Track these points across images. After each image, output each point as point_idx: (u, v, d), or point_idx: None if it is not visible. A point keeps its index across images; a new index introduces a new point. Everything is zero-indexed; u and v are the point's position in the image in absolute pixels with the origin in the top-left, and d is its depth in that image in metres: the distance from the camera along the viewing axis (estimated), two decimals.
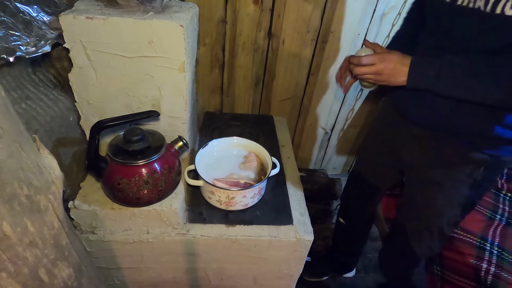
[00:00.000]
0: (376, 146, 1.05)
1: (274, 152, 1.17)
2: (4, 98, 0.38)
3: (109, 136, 0.91)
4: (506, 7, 0.60)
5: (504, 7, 0.61)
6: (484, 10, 0.64)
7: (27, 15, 0.68)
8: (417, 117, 0.84)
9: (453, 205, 0.85)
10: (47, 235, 0.45)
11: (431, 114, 0.79)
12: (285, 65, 1.39)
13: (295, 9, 1.24)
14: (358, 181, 1.15)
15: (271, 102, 1.52)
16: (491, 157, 0.76)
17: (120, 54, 0.77)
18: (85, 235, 0.85)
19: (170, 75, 0.81)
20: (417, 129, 0.85)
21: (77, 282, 0.53)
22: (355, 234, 1.27)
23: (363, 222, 1.24)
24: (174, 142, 0.86)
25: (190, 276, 1.01)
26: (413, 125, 0.86)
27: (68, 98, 0.84)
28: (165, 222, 0.87)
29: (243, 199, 0.91)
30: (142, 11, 0.76)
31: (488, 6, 0.63)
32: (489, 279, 1.09)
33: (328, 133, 1.68)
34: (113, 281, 0.99)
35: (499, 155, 0.76)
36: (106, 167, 0.79)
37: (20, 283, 0.42)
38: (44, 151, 0.47)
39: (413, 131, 0.86)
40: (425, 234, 0.91)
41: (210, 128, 1.27)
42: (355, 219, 1.23)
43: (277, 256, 0.96)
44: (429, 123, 0.81)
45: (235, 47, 1.32)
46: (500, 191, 1.44)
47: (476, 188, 0.82)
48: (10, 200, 0.38)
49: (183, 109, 0.88)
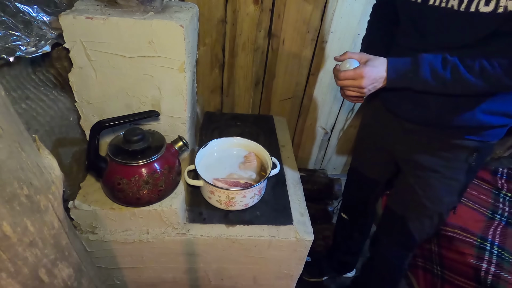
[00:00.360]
0: (369, 142, 1.08)
1: (274, 152, 1.17)
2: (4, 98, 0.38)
3: (109, 136, 0.91)
4: (480, 4, 0.62)
5: (478, 5, 0.63)
6: (458, 9, 0.65)
7: (27, 15, 0.68)
8: (407, 114, 0.86)
9: (452, 192, 0.89)
10: (47, 235, 0.45)
11: (422, 112, 0.82)
12: (285, 65, 1.39)
13: (295, 9, 1.24)
14: (356, 176, 1.17)
15: (271, 102, 1.52)
16: (481, 142, 0.81)
17: (120, 54, 0.77)
18: (85, 235, 0.85)
19: (170, 75, 0.81)
20: (408, 124, 0.88)
21: (77, 282, 0.53)
22: (358, 230, 1.28)
23: (365, 217, 1.24)
24: (174, 142, 0.86)
25: (190, 276, 1.01)
26: (403, 121, 0.88)
27: (68, 98, 0.84)
28: (165, 222, 0.87)
29: (243, 199, 0.91)
30: (142, 11, 0.76)
31: (463, 5, 0.65)
32: (489, 279, 1.09)
33: (328, 133, 1.68)
34: (113, 281, 0.99)
35: (489, 141, 0.81)
36: (106, 167, 0.79)
37: (20, 283, 0.42)
38: (44, 151, 0.47)
39: (405, 126, 0.89)
40: (426, 221, 0.94)
41: (210, 128, 1.27)
42: (357, 214, 1.24)
43: (277, 256, 0.96)
44: (420, 119, 0.84)
45: (235, 47, 1.32)
46: (500, 191, 1.44)
47: (470, 172, 0.86)
48: (10, 200, 0.38)
49: (183, 109, 0.88)
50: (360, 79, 0.75)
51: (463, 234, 1.22)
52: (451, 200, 0.91)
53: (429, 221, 0.94)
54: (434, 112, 0.80)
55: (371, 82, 0.75)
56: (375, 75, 0.75)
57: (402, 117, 0.88)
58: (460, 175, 0.86)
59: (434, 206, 0.91)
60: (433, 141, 0.85)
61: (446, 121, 0.80)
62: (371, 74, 0.75)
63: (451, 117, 0.79)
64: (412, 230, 0.96)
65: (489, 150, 0.85)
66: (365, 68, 0.75)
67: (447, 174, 0.86)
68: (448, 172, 0.86)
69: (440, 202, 0.90)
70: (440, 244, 1.28)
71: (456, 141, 0.82)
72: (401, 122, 0.89)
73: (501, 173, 1.54)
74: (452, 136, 0.82)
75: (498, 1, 0.60)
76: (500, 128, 0.80)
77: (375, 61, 0.76)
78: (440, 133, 0.83)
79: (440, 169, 0.86)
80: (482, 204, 1.36)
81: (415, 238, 0.98)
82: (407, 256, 1.08)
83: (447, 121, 0.79)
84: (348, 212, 1.27)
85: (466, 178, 0.87)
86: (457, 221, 1.27)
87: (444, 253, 1.25)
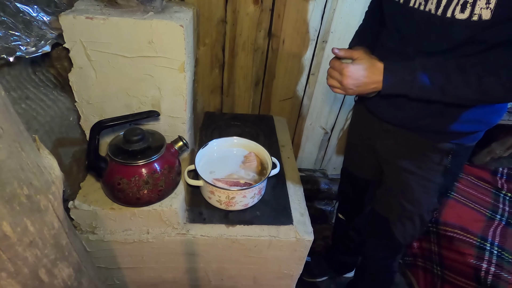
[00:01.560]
0: (356, 141, 1.08)
1: (274, 152, 1.17)
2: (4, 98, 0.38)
3: (109, 136, 0.91)
4: (456, 11, 0.62)
5: (454, 11, 0.62)
6: (435, 14, 0.65)
7: (27, 15, 0.68)
8: (384, 115, 0.86)
9: (429, 193, 0.88)
10: (47, 235, 0.45)
11: (398, 114, 0.82)
12: (285, 65, 1.39)
13: (295, 9, 1.24)
14: (348, 176, 1.17)
15: (271, 102, 1.52)
16: (456, 145, 0.80)
17: (120, 54, 0.77)
18: (85, 235, 0.85)
19: (170, 75, 0.81)
20: (386, 125, 0.88)
21: (77, 282, 0.53)
22: (354, 229, 1.27)
23: (361, 217, 1.24)
24: (174, 142, 0.86)
25: (190, 276, 1.01)
26: (382, 121, 0.88)
27: (68, 98, 0.84)
28: (165, 222, 0.87)
29: (243, 199, 0.91)
30: (142, 11, 0.76)
31: (439, 9, 0.64)
32: (489, 279, 1.09)
33: (328, 133, 1.68)
34: (113, 281, 0.99)
35: (464, 143, 0.80)
36: (106, 167, 0.79)
37: (20, 283, 0.42)
38: (44, 151, 0.47)
39: (383, 126, 0.89)
40: (407, 223, 0.94)
41: (210, 128, 1.27)
42: (353, 214, 1.24)
43: (277, 256, 0.96)
44: (396, 121, 0.84)
45: (235, 47, 1.32)
46: (500, 191, 1.44)
47: (448, 174, 0.85)
48: (10, 200, 0.38)
49: (183, 109, 0.88)
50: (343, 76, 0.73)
51: (463, 234, 1.22)
52: (430, 201, 0.90)
53: (410, 223, 0.93)
54: (409, 116, 0.80)
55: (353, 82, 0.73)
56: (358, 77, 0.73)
57: (380, 118, 0.88)
58: (436, 177, 0.85)
59: (413, 207, 0.90)
60: (408, 142, 0.85)
61: (420, 126, 0.79)
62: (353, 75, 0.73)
63: (424, 122, 0.78)
64: (394, 232, 0.96)
65: (466, 152, 0.84)
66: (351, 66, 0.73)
67: (423, 176, 0.85)
68: (424, 173, 0.85)
69: (419, 204, 0.89)
70: (440, 244, 1.28)
71: (430, 143, 0.81)
72: (380, 122, 0.89)
73: (501, 173, 1.54)
74: (426, 138, 0.81)
75: (473, 9, 0.60)
76: (475, 133, 0.79)
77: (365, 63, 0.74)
78: (414, 135, 0.82)
79: (416, 170, 0.85)
80: (482, 204, 1.36)
81: (398, 240, 0.97)
82: (394, 258, 1.07)
83: (420, 125, 0.79)
84: (344, 212, 1.27)
85: (444, 180, 0.86)
86: (457, 221, 1.27)
87: (444, 253, 1.25)
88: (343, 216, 1.27)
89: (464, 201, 1.37)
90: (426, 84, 0.69)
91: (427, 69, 0.68)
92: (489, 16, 0.59)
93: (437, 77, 0.68)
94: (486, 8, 0.58)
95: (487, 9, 0.58)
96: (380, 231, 1.03)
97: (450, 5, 0.62)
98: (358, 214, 1.23)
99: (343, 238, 1.34)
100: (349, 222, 1.27)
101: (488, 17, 0.59)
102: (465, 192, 1.42)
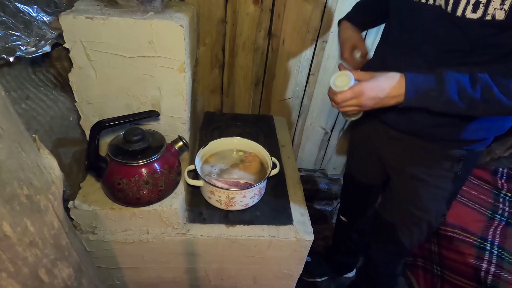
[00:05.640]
0: (359, 145, 1.06)
1: (274, 152, 1.17)
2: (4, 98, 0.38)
3: (109, 136, 0.91)
4: (467, 10, 0.59)
5: (465, 10, 0.60)
6: (445, 9, 0.63)
7: (27, 15, 0.68)
8: (393, 122, 0.83)
9: (439, 200, 0.87)
10: (47, 235, 0.45)
11: (405, 122, 0.80)
12: (285, 65, 1.39)
13: (295, 9, 1.24)
14: (351, 181, 1.16)
15: (271, 102, 1.52)
16: (467, 151, 0.78)
17: (120, 54, 0.77)
18: (85, 235, 0.85)
19: (170, 75, 0.81)
20: (393, 132, 0.85)
21: (77, 282, 0.53)
22: (356, 231, 1.27)
23: (363, 219, 1.24)
24: (174, 142, 0.86)
25: (190, 276, 1.01)
26: (388, 128, 0.85)
27: (68, 98, 0.84)
28: (165, 222, 0.87)
29: (243, 199, 0.91)
30: (142, 11, 0.76)
31: (449, 6, 0.62)
32: (489, 279, 1.09)
33: (328, 133, 1.68)
34: (113, 281, 0.99)
35: (474, 149, 0.79)
36: (106, 167, 0.79)
37: (20, 283, 0.42)
38: (44, 151, 0.47)
39: (390, 133, 0.86)
40: (415, 229, 0.93)
41: (210, 128, 1.27)
42: (355, 216, 1.24)
43: (277, 256, 0.96)
44: (404, 128, 0.82)
45: (235, 47, 1.32)
46: (500, 191, 1.44)
47: (458, 180, 0.84)
48: (10, 200, 0.38)
49: (183, 109, 0.88)
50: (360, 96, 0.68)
51: (463, 234, 1.22)
52: (439, 208, 0.88)
53: (418, 229, 0.92)
54: (418, 124, 0.77)
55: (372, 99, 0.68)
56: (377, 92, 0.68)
57: (387, 124, 0.85)
58: (447, 184, 0.83)
59: (422, 214, 0.89)
60: (417, 149, 0.83)
61: (431, 134, 0.78)
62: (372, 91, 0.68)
63: (434, 131, 0.77)
64: (401, 237, 0.95)
65: (476, 157, 0.82)
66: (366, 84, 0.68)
67: (433, 183, 0.83)
68: (434, 181, 0.83)
69: (428, 211, 0.88)
70: (440, 244, 1.28)
71: (441, 150, 0.79)
72: (386, 128, 0.86)
73: (501, 173, 1.54)
74: (436, 146, 0.79)
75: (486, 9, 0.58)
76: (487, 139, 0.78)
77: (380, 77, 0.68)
78: (424, 142, 0.80)
79: (425, 178, 0.83)
80: (482, 204, 1.36)
81: (405, 245, 0.97)
82: (398, 262, 1.07)
83: (431, 133, 0.77)
84: (346, 214, 1.27)
85: (454, 186, 0.84)
86: (457, 221, 1.27)
87: (444, 253, 1.25)
88: (345, 218, 1.27)
89: (464, 201, 1.37)
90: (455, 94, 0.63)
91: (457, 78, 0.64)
92: (503, 17, 0.57)
93: (468, 86, 0.63)
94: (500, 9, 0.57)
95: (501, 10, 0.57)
96: (386, 236, 1.02)
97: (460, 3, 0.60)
98: (360, 216, 1.23)
99: (344, 240, 1.33)
100: (351, 224, 1.26)
101: (502, 18, 0.57)
102: (465, 192, 1.41)
